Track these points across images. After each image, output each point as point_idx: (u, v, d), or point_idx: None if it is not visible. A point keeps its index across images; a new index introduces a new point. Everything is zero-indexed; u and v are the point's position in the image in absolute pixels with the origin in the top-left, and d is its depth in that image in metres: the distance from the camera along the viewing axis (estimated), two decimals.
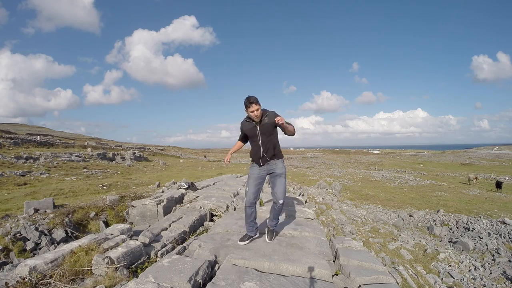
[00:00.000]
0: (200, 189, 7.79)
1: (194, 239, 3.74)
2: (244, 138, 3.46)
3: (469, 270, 6.39)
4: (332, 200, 11.61)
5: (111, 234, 3.62)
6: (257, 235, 3.58)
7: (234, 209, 5.79)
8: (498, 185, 18.67)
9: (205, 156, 47.71)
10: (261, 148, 3.25)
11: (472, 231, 8.82)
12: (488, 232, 8.46)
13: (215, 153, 61.62)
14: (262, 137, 3.23)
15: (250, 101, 3.07)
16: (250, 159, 3.41)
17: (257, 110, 3.10)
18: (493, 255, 7.14)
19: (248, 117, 3.21)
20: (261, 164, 3.32)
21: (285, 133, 3.27)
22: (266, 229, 3.67)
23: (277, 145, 3.34)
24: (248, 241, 3.45)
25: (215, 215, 5.62)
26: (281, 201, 3.35)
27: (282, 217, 4.73)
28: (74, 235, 5.47)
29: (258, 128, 3.22)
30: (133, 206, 5.92)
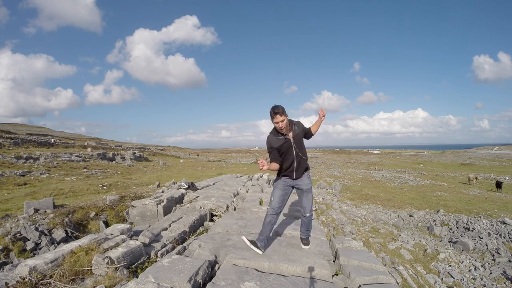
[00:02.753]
0: (200, 189, 7.79)
1: (194, 239, 3.74)
2: (277, 158, 3.05)
3: (469, 270, 6.38)
4: (332, 200, 11.60)
5: (111, 234, 3.62)
6: (263, 250, 3.21)
7: (234, 209, 5.79)
8: (498, 185, 18.67)
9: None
10: (295, 162, 3.03)
11: (472, 231, 8.82)
12: (488, 232, 8.46)
13: (215, 153, 61.62)
14: (296, 150, 3.02)
15: (274, 111, 2.83)
16: (279, 173, 3.15)
17: (282, 121, 2.86)
18: (493, 255, 7.13)
19: (276, 131, 2.97)
20: (294, 178, 3.11)
21: (312, 135, 3.16)
22: (301, 241, 3.49)
23: (306, 156, 3.17)
24: (256, 248, 3.16)
25: (215, 215, 5.63)
26: (308, 214, 3.24)
27: (282, 217, 4.73)
28: (74, 235, 5.47)
29: (293, 140, 3.00)
30: (133, 206, 5.93)
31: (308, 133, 3.15)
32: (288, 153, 3.02)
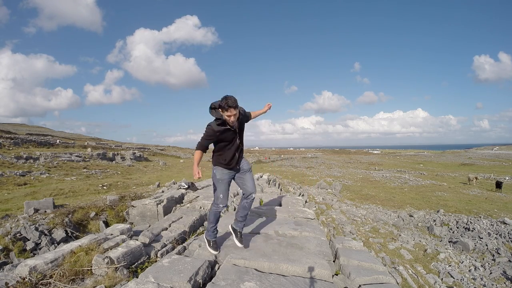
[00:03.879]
0: (200, 189, 7.80)
1: (194, 239, 3.73)
2: (207, 146, 2.96)
3: (469, 270, 6.38)
4: (332, 200, 11.60)
5: (111, 234, 3.62)
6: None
7: (234, 209, 5.79)
8: (498, 185, 18.67)
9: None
10: (237, 152, 2.98)
11: (472, 231, 8.82)
12: (488, 232, 8.46)
13: None
14: (239, 140, 2.96)
15: (228, 105, 2.61)
16: (220, 163, 3.01)
17: (234, 115, 2.69)
18: (493, 255, 7.13)
19: (220, 120, 2.77)
20: (236, 168, 3.07)
21: (249, 120, 3.15)
22: (236, 234, 3.26)
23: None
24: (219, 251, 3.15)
25: None
26: (254, 194, 3.17)
27: (281, 217, 4.72)
28: (74, 235, 5.48)
29: (237, 130, 2.91)
30: (133, 206, 5.93)
31: (247, 118, 3.12)
32: (231, 143, 2.93)
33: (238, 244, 3.22)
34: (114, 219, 6.27)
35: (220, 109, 2.70)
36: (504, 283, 5.78)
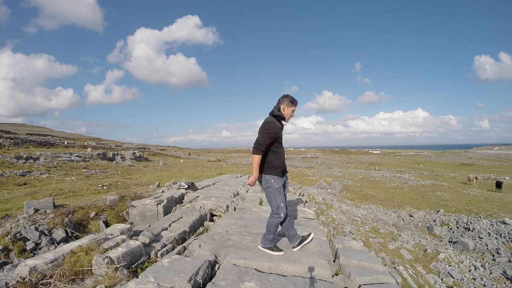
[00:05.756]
0: (200, 189, 7.79)
1: (194, 239, 3.74)
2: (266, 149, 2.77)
3: (469, 270, 6.38)
4: (332, 200, 11.60)
5: (111, 234, 3.62)
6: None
7: (234, 209, 5.79)
8: (498, 185, 18.66)
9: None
10: (284, 155, 2.94)
11: (472, 231, 8.82)
12: (488, 232, 8.46)
13: (215, 153, 61.59)
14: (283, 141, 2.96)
15: (295, 101, 2.78)
16: (275, 171, 2.83)
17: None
18: (493, 255, 7.13)
19: (279, 117, 2.79)
20: (285, 173, 2.99)
21: None
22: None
23: None
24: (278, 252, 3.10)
25: (215, 215, 5.63)
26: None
27: None
28: (74, 235, 5.48)
29: (283, 132, 2.91)
30: (133, 206, 5.93)
31: None
32: (281, 144, 2.86)
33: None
34: (114, 219, 6.27)
35: (290, 103, 2.77)
36: (504, 283, 5.77)
